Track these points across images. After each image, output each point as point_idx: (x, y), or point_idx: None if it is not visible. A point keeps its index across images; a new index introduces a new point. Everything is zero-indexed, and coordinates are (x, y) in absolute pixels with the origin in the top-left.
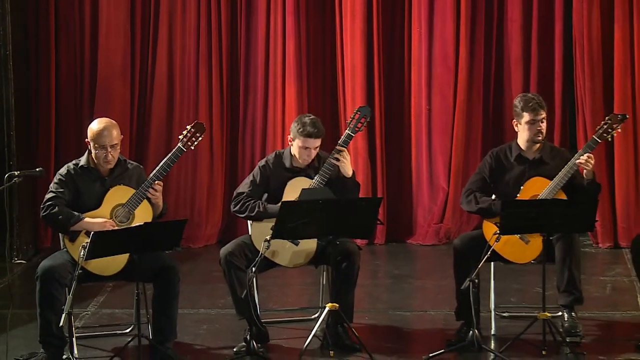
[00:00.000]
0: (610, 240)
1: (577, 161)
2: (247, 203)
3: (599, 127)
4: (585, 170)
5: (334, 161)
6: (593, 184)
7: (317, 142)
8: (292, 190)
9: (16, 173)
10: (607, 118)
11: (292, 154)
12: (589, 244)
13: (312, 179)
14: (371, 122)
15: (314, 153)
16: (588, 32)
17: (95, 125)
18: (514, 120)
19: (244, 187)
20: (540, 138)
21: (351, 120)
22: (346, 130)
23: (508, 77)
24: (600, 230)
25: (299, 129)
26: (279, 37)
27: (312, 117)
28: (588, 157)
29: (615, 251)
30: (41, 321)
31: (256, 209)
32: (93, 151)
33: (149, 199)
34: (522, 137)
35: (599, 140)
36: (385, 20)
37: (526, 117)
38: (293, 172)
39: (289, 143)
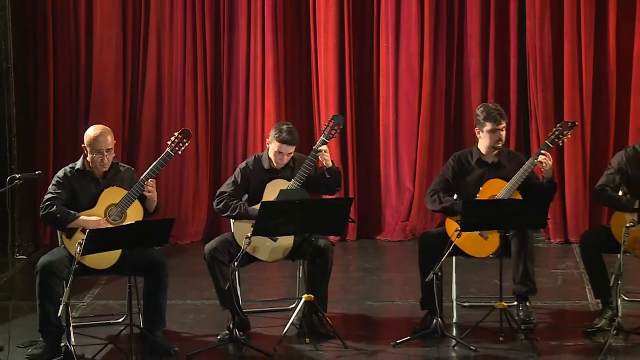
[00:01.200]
0: (560, 236)
1: (537, 160)
2: (230, 203)
3: (550, 133)
4: (544, 170)
5: (322, 152)
6: (551, 182)
7: (291, 149)
8: (272, 191)
9: (17, 176)
10: (558, 125)
11: (269, 156)
12: (541, 239)
13: (289, 180)
14: (343, 129)
15: (286, 158)
16: (540, 47)
17: (91, 132)
18: (476, 127)
19: (226, 187)
20: (500, 145)
21: (325, 128)
22: (321, 137)
23: (468, 88)
24: (552, 227)
25: (276, 134)
26: (259, 52)
27: (290, 125)
28: (545, 156)
29: (565, 246)
30: (40, 312)
31: (237, 210)
32: (90, 155)
33: (141, 199)
34: (484, 143)
35: (551, 146)
36: (355, 36)
37: (488, 126)
38: (271, 173)
39: (267, 146)
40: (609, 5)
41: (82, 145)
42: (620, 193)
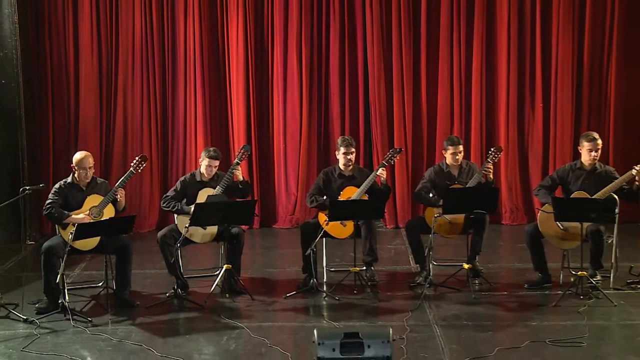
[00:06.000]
0: (393, 223)
1: (377, 174)
2: (171, 203)
3: (385, 155)
4: (382, 179)
5: (235, 171)
6: (387, 187)
7: (217, 162)
8: (203, 196)
9: (27, 187)
10: (390, 150)
11: (201, 172)
12: (381, 225)
13: (215, 189)
14: (250, 154)
15: (214, 170)
16: (378, 97)
17: (78, 155)
18: (336, 151)
19: (170, 192)
20: (350, 164)
21: (238, 153)
22: (235, 160)
23: (332, 126)
24: (388, 217)
25: (206, 153)
26: (192, 102)
27: (214, 148)
28: (382, 171)
29: (396, 230)
30: (44, 279)
31: (176, 207)
32: (77, 172)
33: (113, 202)
34: (340, 162)
35: (386, 164)
36: (257, 90)
37: (342, 150)
38: (201, 184)
39: (199, 164)
40: (422, 70)
41: (72, 165)
42: (430, 195)
